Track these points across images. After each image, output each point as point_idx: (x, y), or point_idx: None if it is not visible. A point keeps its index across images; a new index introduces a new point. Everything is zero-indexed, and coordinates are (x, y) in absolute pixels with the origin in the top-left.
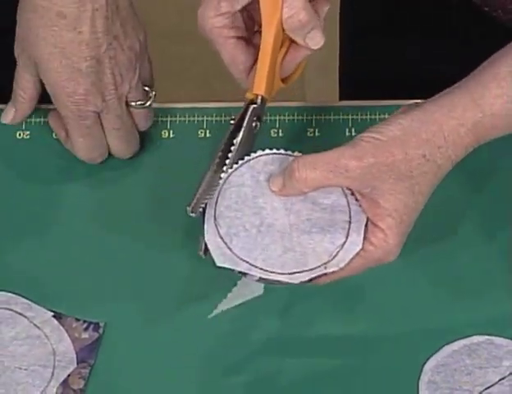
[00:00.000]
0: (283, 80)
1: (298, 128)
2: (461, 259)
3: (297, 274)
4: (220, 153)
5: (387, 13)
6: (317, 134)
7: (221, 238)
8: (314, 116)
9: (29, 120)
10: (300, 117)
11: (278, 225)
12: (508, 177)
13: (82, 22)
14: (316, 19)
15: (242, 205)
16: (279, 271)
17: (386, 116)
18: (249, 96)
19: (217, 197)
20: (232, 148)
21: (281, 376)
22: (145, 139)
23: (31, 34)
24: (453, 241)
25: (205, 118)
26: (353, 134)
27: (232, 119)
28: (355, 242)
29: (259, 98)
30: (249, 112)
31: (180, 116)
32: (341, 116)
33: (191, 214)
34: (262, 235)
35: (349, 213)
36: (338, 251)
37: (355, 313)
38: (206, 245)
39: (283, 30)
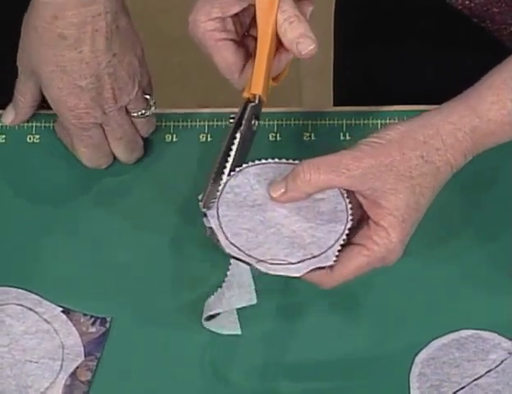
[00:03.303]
0: (273, 79)
1: (295, 132)
2: (452, 258)
3: (236, 249)
4: (223, 150)
5: (380, 22)
6: (313, 138)
7: (224, 184)
8: (310, 121)
9: (39, 124)
10: (297, 122)
11: (272, 213)
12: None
13: (82, 43)
14: (307, 26)
15: (260, 184)
16: (228, 235)
17: (379, 121)
18: (246, 95)
19: (248, 164)
20: (233, 146)
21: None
22: (149, 143)
23: (33, 52)
24: (446, 242)
25: (206, 123)
26: (347, 138)
27: (231, 118)
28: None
29: (257, 97)
30: (247, 110)
31: (182, 121)
32: (336, 121)
33: (204, 210)
34: (250, 209)
35: (336, 242)
36: (291, 263)
37: (348, 309)
38: (211, 228)
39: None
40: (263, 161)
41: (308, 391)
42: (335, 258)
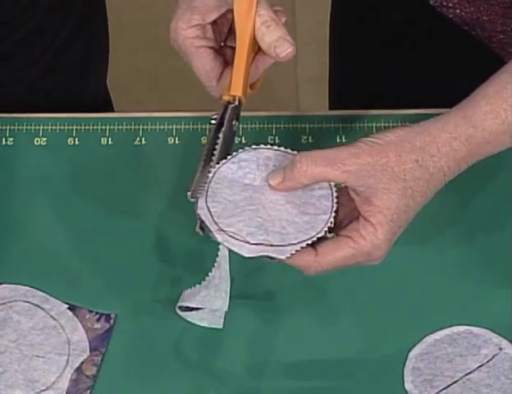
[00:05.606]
0: (250, 87)
1: (293, 135)
2: (445, 256)
3: (207, 213)
4: (206, 149)
5: (375, 29)
6: (310, 141)
7: (236, 154)
8: (308, 125)
9: (46, 127)
10: (295, 125)
11: (260, 196)
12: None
13: None
14: (285, 29)
15: (267, 167)
16: (208, 199)
17: (374, 124)
18: (226, 98)
19: (266, 146)
20: (217, 145)
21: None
22: (150, 145)
23: None
24: (439, 240)
25: (208, 126)
26: (343, 141)
27: (213, 119)
28: (280, 251)
29: (237, 98)
30: (228, 111)
31: (184, 124)
32: (333, 125)
33: (191, 199)
34: (242, 186)
35: (298, 243)
36: (247, 242)
37: (343, 306)
38: (202, 222)
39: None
40: (282, 148)
41: (303, 389)
42: (288, 256)
